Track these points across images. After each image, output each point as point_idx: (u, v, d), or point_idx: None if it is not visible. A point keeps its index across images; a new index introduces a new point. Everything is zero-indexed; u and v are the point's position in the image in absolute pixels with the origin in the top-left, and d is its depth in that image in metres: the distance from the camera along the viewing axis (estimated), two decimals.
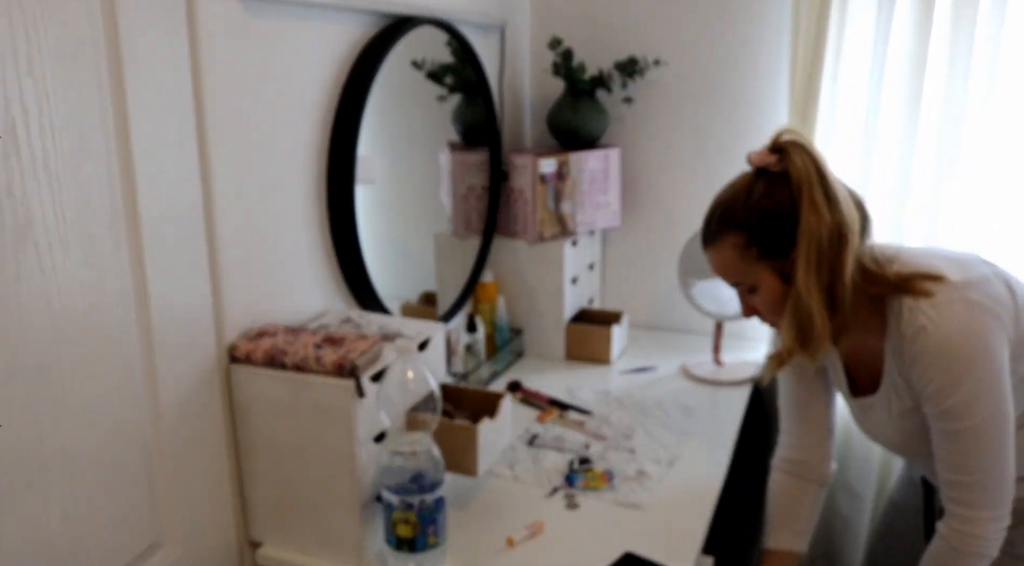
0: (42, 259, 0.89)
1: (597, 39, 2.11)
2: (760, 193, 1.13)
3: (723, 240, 1.17)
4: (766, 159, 1.14)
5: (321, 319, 1.38)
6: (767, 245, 1.14)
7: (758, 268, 1.16)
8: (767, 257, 1.14)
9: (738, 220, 1.15)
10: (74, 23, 0.90)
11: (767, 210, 1.13)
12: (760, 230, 1.13)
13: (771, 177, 1.13)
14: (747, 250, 1.15)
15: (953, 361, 1.07)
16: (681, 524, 1.31)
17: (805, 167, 1.10)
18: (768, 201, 1.13)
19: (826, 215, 1.08)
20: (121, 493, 1.04)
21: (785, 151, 1.12)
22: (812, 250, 1.08)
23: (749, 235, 1.14)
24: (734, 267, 1.18)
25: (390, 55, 1.45)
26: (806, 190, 1.09)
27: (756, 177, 1.16)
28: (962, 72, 1.74)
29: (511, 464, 1.50)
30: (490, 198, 1.96)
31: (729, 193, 1.18)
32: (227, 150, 1.16)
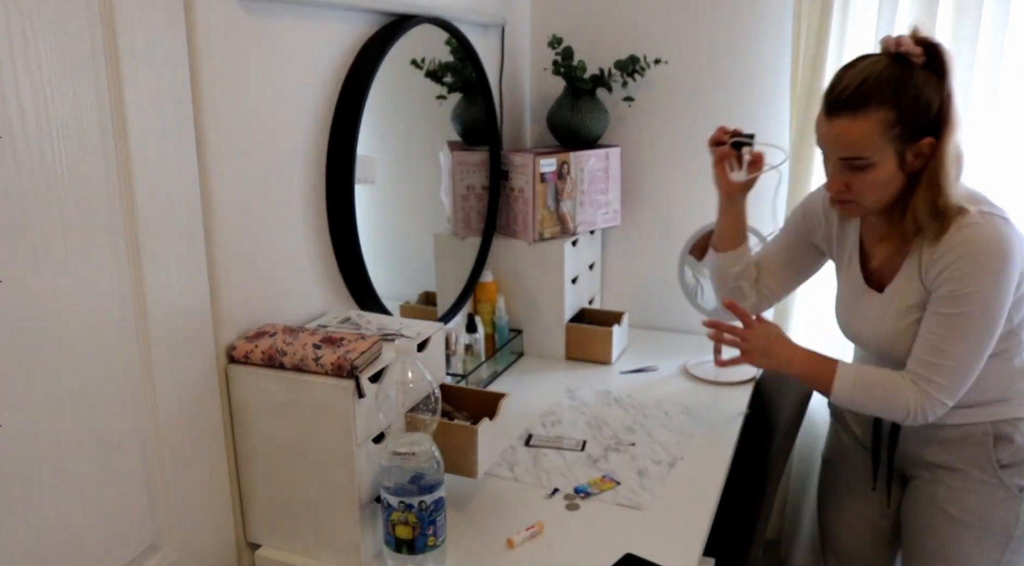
0: (39, 259, 0.89)
1: (597, 38, 2.11)
2: (923, 80, 1.18)
3: (870, 112, 1.18)
4: (913, 49, 1.18)
5: (320, 319, 1.37)
6: (909, 128, 1.18)
7: (888, 148, 1.20)
8: (901, 139, 1.19)
9: (894, 97, 1.17)
10: (72, 22, 0.90)
11: (923, 97, 1.18)
12: (911, 112, 1.18)
13: (912, 66, 1.18)
14: (891, 128, 1.18)
15: (988, 256, 1.18)
16: (682, 525, 1.31)
17: (953, 72, 1.18)
18: (926, 90, 1.18)
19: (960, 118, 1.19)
20: (119, 494, 1.04)
21: (936, 51, 1.18)
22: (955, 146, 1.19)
23: (899, 114, 1.18)
24: (869, 142, 1.20)
25: (389, 54, 1.44)
26: (949, 93, 1.18)
27: (905, 63, 1.19)
28: (964, 74, 1.74)
29: (511, 465, 1.49)
30: (490, 198, 1.95)
31: (881, 68, 1.19)
32: (225, 149, 1.16)
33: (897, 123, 1.18)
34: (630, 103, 2.11)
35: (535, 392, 1.83)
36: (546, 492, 1.40)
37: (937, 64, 1.18)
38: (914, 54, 1.18)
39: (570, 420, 1.69)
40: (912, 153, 1.20)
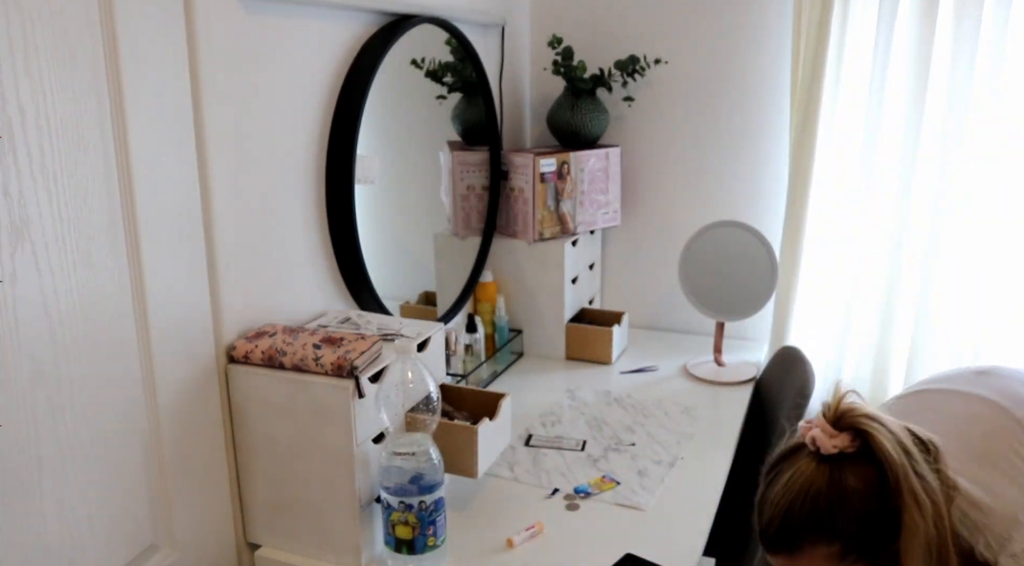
0: (39, 259, 0.89)
1: (597, 38, 2.11)
2: (857, 493, 0.95)
3: (808, 550, 0.98)
4: (839, 444, 0.96)
5: (320, 319, 1.37)
6: (867, 550, 0.97)
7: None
8: (864, 559, 0.98)
9: (832, 527, 0.96)
10: (72, 21, 0.90)
11: (870, 513, 0.95)
12: (860, 537, 0.96)
13: (852, 465, 0.96)
14: (843, 558, 0.97)
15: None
16: (682, 525, 1.31)
17: (897, 453, 0.94)
18: (870, 502, 0.95)
19: (928, 506, 0.94)
20: (119, 494, 1.04)
21: (867, 434, 0.96)
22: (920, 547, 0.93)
23: (845, 544, 0.96)
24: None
25: (389, 54, 1.44)
26: (904, 482, 0.93)
27: (833, 467, 0.97)
28: (965, 73, 1.74)
29: (511, 465, 1.49)
30: (490, 197, 1.95)
31: (806, 484, 0.97)
32: (225, 149, 1.16)
33: (847, 552, 0.97)
34: (630, 103, 2.11)
35: (535, 392, 1.83)
36: (546, 492, 1.40)
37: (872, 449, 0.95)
38: (841, 447, 0.96)
39: (570, 420, 1.69)
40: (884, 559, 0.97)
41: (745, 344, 2.12)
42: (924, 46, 1.75)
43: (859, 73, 1.84)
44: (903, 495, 0.94)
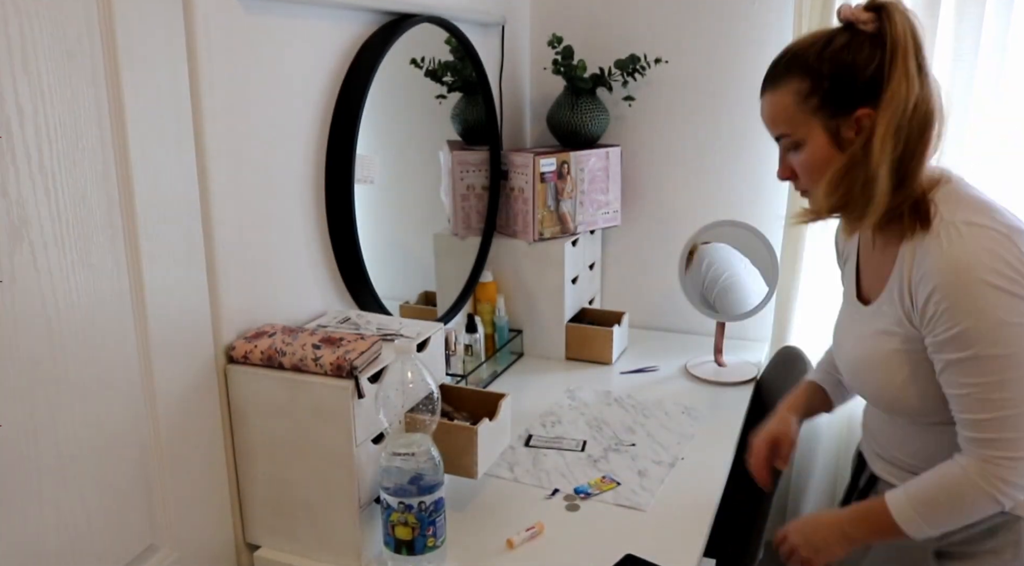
0: (37, 259, 0.88)
1: (597, 37, 2.10)
2: (841, 44, 1.06)
3: (785, 84, 1.09)
4: (858, 15, 1.05)
5: (320, 319, 1.37)
6: (830, 98, 1.06)
7: (811, 122, 1.08)
8: (824, 111, 1.07)
9: (808, 65, 1.07)
10: (70, 19, 0.90)
11: (844, 62, 1.05)
12: (828, 80, 1.06)
13: (858, 34, 1.05)
14: (807, 99, 1.07)
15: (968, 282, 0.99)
16: (682, 526, 1.30)
17: (904, 31, 1.02)
18: (846, 54, 1.05)
19: (917, 86, 1.02)
20: (118, 495, 1.03)
21: (885, 10, 1.04)
22: (896, 117, 1.02)
23: (814, 83, 1.06)
24: (787, 115, 1.10)
25: (389, 53, 1.44)
26: (901, 54, 1.02)
27: (842, 31, 1.07)
28: (966, 74, 1.73)
29: (511, 465, 1.49)
30: (490, 197, 1.95)
31: (806, 39, 1.10)
32: (225, 149, 1.15)
33: (813, 92, 1.07)
34: (630, 103, 2.11)
35: (535, 392, 1.83)
36: (546, 492, 1.40)
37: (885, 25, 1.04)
38: (860, 20, 1.05)
39: (570, 420, 1.69)
40: (847, 127, 1.06)
41: (745, 344, 2.12)
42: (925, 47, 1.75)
43: None
44: (896, 67, 1.02)
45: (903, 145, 1.03)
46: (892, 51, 1.03)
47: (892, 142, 1.02)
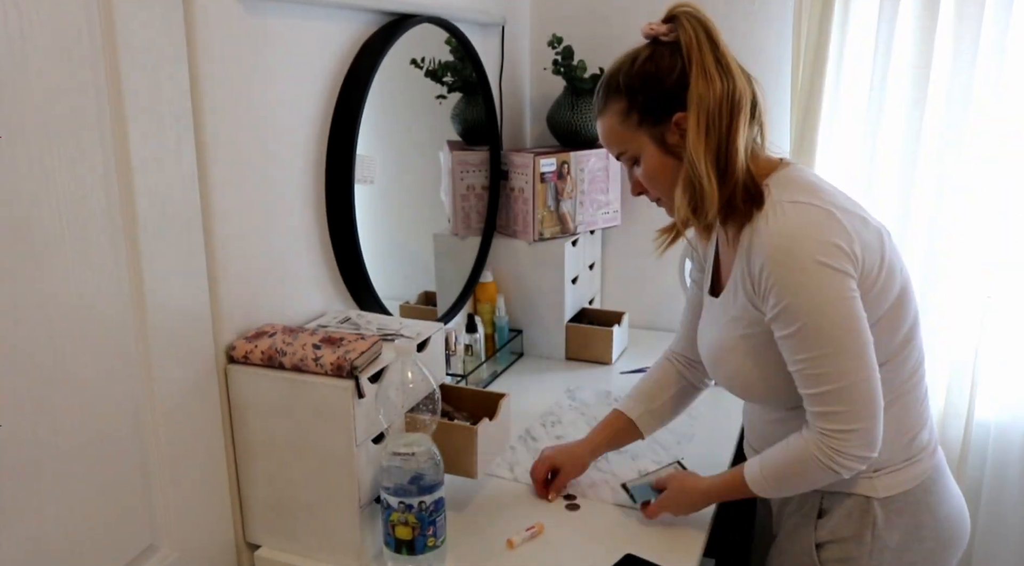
0: (38, 259, 0.88)
1: (597, 37, 2.10)
2: (644, 58, 1.13)
3: (608, 107, 1.17)
4: (657, 29, 1.13)
5: (320, 319, 1.37)
6: (646, 110, 1.13)
7: (638, 136, 1.15)
8: (646, 123, 1.13)
9: (619, 85, 1.14)
10: (70, 20, 0.90)
11: (648, 74, 1.12)
12: (640, 93, 1.12)
13: (659, 45, 1.13)
14: (627, 116, 1.14)
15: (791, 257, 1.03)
16: (682, 525, 1.30)
17: (695, 32, 1.09)
18: (649, 65, 1.12)
19: (717, 81, 1.08)
20: (118, 495, 1.03)
21: (677, 19, 1.11)
22: (702, 114, 1.08)
23: (629, 100, 1.13)
24: (617, 135, 1.17)
25: (389, 53, 1.44)
26: (695, 55, 1.09)
27: (646, 46, 1.15)
28: (966, 74, 1.73)
29: (511, 465, 1.49)
30: (490, 197, 1.95)
31: (616, 62, 1.17)
32: (225, 149, 1.15)
33: (631, 109, 1.13)
34: None
35: (535, 392, 1.83)
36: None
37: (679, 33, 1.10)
38: (660, 33, 1.12)
39: (570, 420, 1.69)
40: (670, 133, 1.12)
41: None
42: (925, 47, 1.75)
43: (859, 73, 1.84)
44: (693, 67, 1.08)
45: (715, 138, 1.08)
46: (688, 54, 1.09)
47: (703, 137, 1.08)
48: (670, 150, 1.13)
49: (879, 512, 1.14)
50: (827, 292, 1.02)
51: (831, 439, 1.06)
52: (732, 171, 1.09)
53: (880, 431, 1.06)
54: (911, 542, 1.16)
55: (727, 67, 1.10)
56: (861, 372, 1.04)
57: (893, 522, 1.15)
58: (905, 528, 1.15)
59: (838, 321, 1.03)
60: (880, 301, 1.08)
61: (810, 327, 1.04)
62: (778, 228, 1.05)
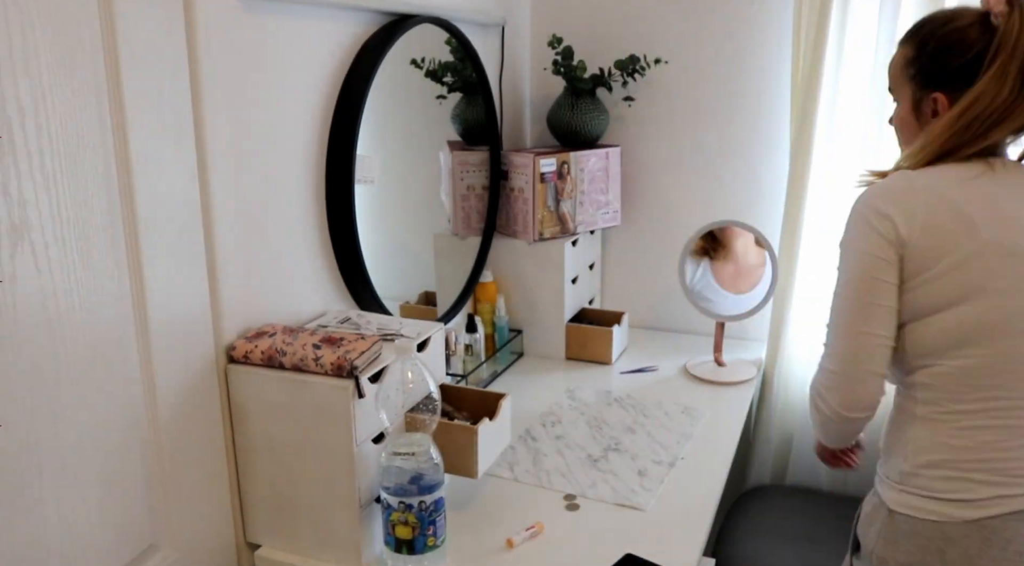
0: (38, 259, 0.89)
1: (597, 38, 2.10)
2: (956, 27, 1.11)
3: (903, 46, 1.18)
4: (996, 6, 1.08)
5: (320, 319, 1.37)
6: (922, 72, 1.15)
7: (905, 87, 1.18)
8: (915, 82, 1.16)
9: (920, 35, 1.15)
10: (71, 20, 0.90)
11: (947, 43, 1.11)
12: (928, 56, 1.13)
13: (983, 21, 1.09)
14: (908, 66, 1.17)
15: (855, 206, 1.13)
16: (682, 525, 1.31)
17: (1017, 34, 1.05)
18: (954, 35, 1.10)
19: (1006, 90, 1.05)
20: (118, 495, 1.03)
21: (1015, 7, 1.06)
22: (970, 113, 1.07)
23: (917, 54, 1.15)
24: (894, 73, 1.21)
25: (389, 54, 1.44)
26: (1006, 52, 1.05)
27: (973, 15, 1.11)
28: None
29: (511, 465, 1.49)
30: (490, 197, 1.95)
31: (940, 11, 1.17)
32: (225, 149, 1.15)
33: (913, 63, 1.15)
34: (630, 103, 2.11)
35: (535, 392, 1.83)
36: (547, 492, 1.40)
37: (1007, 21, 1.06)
38: (994, 13, 1.07)
39: (570, 420, 1.69)
40: (925, 103, 1.15)
41: (745, 344, 2.12)
42: None
43: (859, 73, 1.83)
44: (998, 59, 1.05)
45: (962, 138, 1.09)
46: (999, 45, 1.06)
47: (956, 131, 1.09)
48: (919, 116, 1.17)
49: (887, 521, 1.12)
50: (854, 241, 1.11)
51: (818, 368, 1.16)
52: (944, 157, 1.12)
53: (855, 390, 1.10)
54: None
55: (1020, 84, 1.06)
56: (841, 319, 1.12)
57: (899, 542, 1.10)
58: (909, 555, 1.09)
59: (849, 266, 1.12)
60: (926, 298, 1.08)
61: (839, 262, 1.14)
62: None
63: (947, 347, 1.08)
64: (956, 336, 1.07)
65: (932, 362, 1.09)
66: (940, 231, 1.06)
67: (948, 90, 1.11)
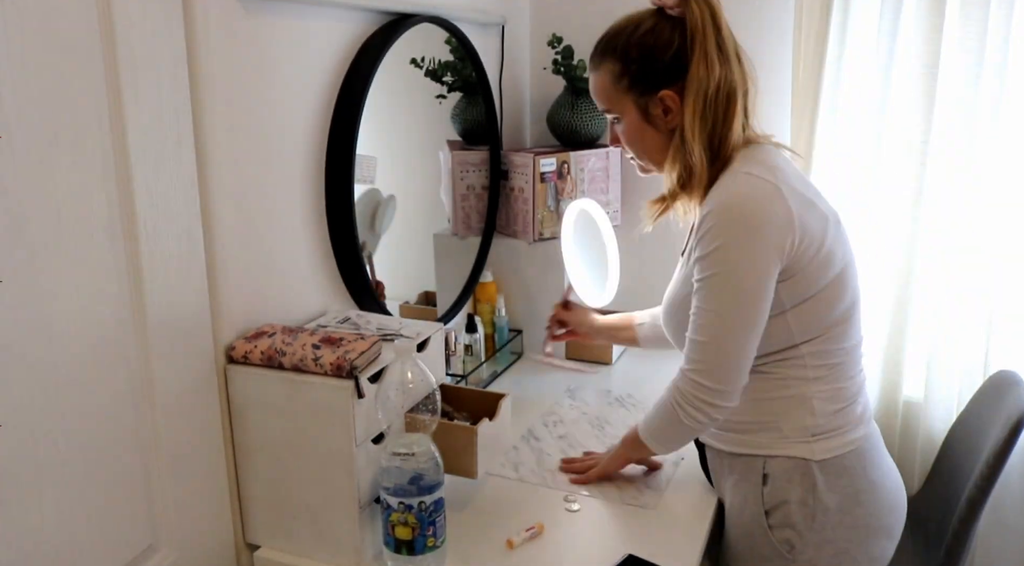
0: (38, 259, 0.88)
1: (597, 37, 2.10)
2: (646, 29, 1.19)
3: (603, 64, 1.23)
4: (665, 1, 1.17)
5: (320, 319, 1.37)
6: (637, 79, 1.20)
7: (624, 99, 1.22)
8: (634, 91, 1.20)
9: (618, 49, 1.21)
10: (70, 20, 0.90)
11: (647, 46, 1.18)
12: (635, 62, 1.19)
13: (664, 18, 1.18)
14: (619, 79, 1.21)
15: (733, 214, 1.11)
16: (683, 526, 1.30)
17: (702, 16, 1.14)
18: (650, 38, 1.18)
19: (716, 67, 1.14)
20: (117, 495, 1.03)
21: None
22: (699, 98, 1.15)
23: (624, 66, 1.20)
24: (605, 93, 1.24)
25: (389, 53, 1.44)
26: (699, 39, 1.14)
27: (652, 15, 1.20)
28: (972, 71, 1.73)
29: (515, 465, 1.49)
30: (490, 197, 1.95)
31: (620, 23, 1.24)
32: (224, 149, 1.15)
33: (623, 75, 1.20)
34: None
35: (536, 392, 1.83)
36: (551, 491, 1.39)
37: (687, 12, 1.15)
38: (666, 6, 1.17)
39: (572, 420, 1.68)
40: (653, 105, 1.19)
41: None
42: (929, 46, 1.74)
43: (861, 73, 1.83)
44: (695, 50, 1.14)
45: (711, 121, 1.16)
46: (691, 36, 1.15)
47: (699, 120, 1.16)
48: (650, 120, 1.21)
49: (818, 474, 1.19)
50: (743, 259, 1.11)
51: (686, 384, 1.18)
52: (724, 153, 1.18)
53: (727, 401, 1.16)
54: (851, 505, 1.20)
55: (727, 53, 1.16)
56: (731, 342, 1.14)
57: (832, 484, 1.19)
58: (844, 491, 1.20)
59: (739, 288, 1.12)
60: (815, 279, 1.15)
61: (714, 280, 1.13)
62: (727, 191, 1.14)
63: (831, 316, 1.18)
64: (836, 305, 1.18)
65: (819, 333, 1.19)
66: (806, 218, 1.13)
67: (669, 85, 1.17)
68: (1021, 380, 1.51)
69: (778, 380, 1.22)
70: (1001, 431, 1.40)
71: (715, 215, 1.12)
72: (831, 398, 1.21)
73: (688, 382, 1.18)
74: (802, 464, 1.20)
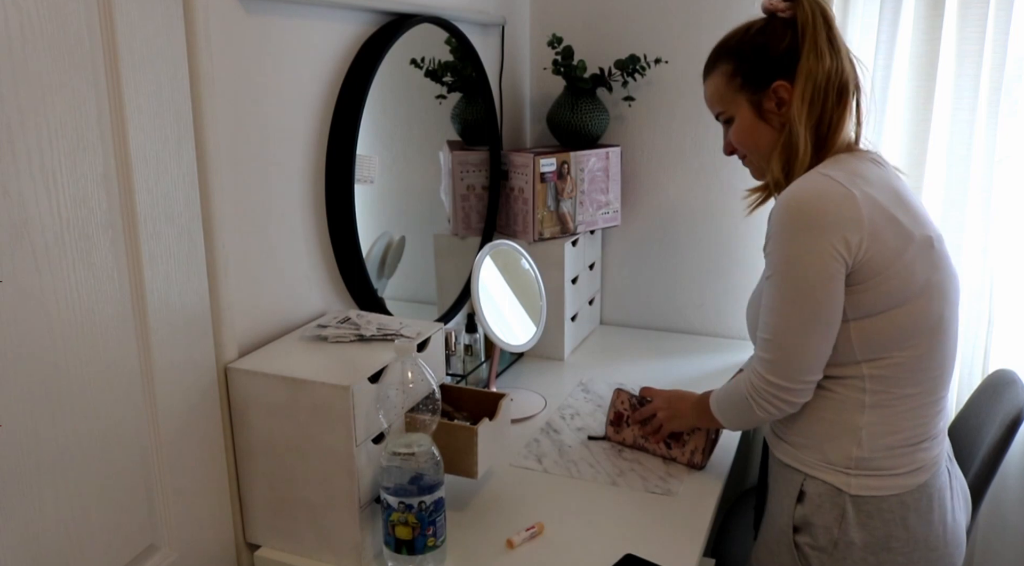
0: (38, 259, 0.88)
1: (597, 37, 2.10)
2: (757, 29, 1.23)
3: (717, 68, 1.26)
4: (776, 5, 1.21)
5: (320, 319, 1.37)
6: (750, 76, 1.22)
7: (738, 98, 1.24)
8: (747, 88, 1.22)
9: (731, 49, 1.25)
10: (70, 20, 0.90)
11: (759, 43, 1.21)
12: (748, 60, 1.22)
13: (775, 19, 1.22)
14: (732, 78, 1.24)
15: (792, 210, 1.10)
16: (682, 525, 1.30)
17: (813, 13, 1.17)
18: (760, 37, 1.22)
19: (827, 59, 1.16)
20: (118, 495, 1.03)
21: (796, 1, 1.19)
22: (808, 87, 1.16)
23: (737, 64, 1.23)
24: (720, 96, 1.27)
25: (389, 53, 1.44)
26: (809, 32, 1.17)
27: (761, 19, 1.24)
28: (972, 70, 1.73)
29: (539, 457, 1.51)
30: (490, 197, 1.95)
31: (733, 30, 1.27)
32: (225, 149, 1.15)
33: (737, 73, 1.23)
34: (630, 103, 2.11)
35: (544, 388, 1.82)
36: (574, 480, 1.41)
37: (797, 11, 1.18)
38: (778, 10, 1.21)
39: (588, 412, 1.69)
40: (767, 99, 1.21)
41: (747, 344, 2.11)
42: (929, 44, 1.74)
43: None
44: (806, 42, 1.17)
45: (819, 110, 1.17)
46: (802, 29, 1.17)
47: (807, 107, 1.17)
48: (763, 115, 1.22)
49: (849, 507, 1.17)
50: (803, 255, 1.10)
51: (756, 378, 1.18)
52: (830, 145, 1.18)
53: (797, 397, 1.16)
54: (878, 548, 1.16)
55: (838, 48, 1.18)
56: (792, 339, 1.13)
57: (863, 522, 1.16)
58: (873, 533, 1.16)
59: (798, 285, 1.11)
60: (883, 294, 1.11)
61: (779, 278, 1.13)
62: (797, 187, 1.12)
63: (899, 341, 1.13)
64: (908, 330, 1.13)
65: (884, 355, 1.14)
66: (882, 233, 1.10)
67: (782, 75, 1.19)
68: (1019, 379, 1.51)
69: (834, 400, 1.18)
70: (998, 430, 1.40)
71: (779, 210, 1.12)
72: (885, 433, 1.16)
73: (758, 377, 1.17)
74: (835, 492, 1.17)
